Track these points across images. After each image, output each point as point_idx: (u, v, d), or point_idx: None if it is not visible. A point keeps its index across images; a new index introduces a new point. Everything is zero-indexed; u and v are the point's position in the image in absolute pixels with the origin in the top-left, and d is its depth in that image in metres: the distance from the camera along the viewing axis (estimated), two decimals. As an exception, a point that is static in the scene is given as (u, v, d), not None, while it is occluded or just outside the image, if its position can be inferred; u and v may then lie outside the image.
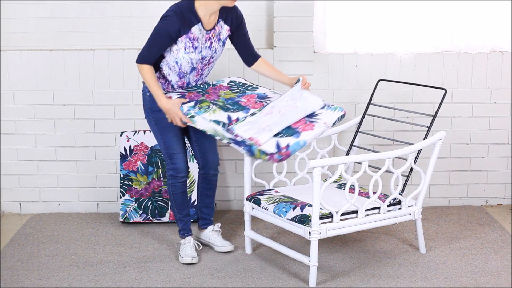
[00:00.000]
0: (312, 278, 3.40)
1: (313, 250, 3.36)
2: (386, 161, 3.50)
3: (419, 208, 3.72)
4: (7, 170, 4.51)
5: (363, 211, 3.48)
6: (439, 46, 4.44)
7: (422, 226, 3.80)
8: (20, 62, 4.38)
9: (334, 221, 3.40)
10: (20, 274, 3.58)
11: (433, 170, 4.53)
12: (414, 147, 3.60)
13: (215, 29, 3.55)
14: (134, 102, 4.43)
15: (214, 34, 3.55)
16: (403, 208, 3.65)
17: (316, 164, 3.26)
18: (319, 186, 3.27)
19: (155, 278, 3.52)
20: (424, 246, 3.81)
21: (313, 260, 3.38)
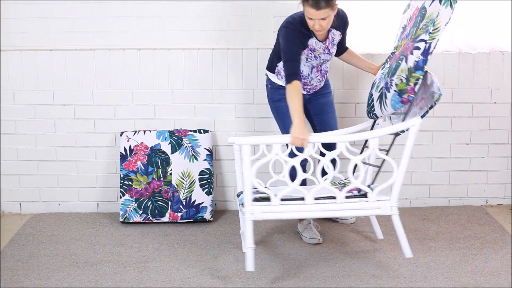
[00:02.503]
0: (249, 261, 3.38)
1: (248, 231, 3.38)
2: (338, 145, 3.38)
3: (393, 202, 3.45)
4: (7, 170, 4.51)
5: (311, 198, 3.39)
6: (439, 46, 4.43)
7: (401, 224, 3.51)
8: (20, 62, 4.38)
9: (273, 204, 3.39)
10: (20, 274, 3.58)
11: (433, 169, 4.54)
12: (374, 133, 3.43)
13: (328, 38, 3.75)
14: (134, 102, 4.43)
15: (329, 42, 3.76)
16: (371, 201, 3.46)
17: (243, 142, 3.33)
18: (249, 164, 3.31)
19: (155, 278, 3.52)
20: (408, 248, 3.52)
21: (249, 242, 3.37)
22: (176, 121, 4.45)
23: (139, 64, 4.40)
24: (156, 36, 4.43)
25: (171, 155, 4.32)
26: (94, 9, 4.38)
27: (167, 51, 4.39)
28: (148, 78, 4.41)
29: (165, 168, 4.31)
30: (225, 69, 4.41)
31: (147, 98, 4.43)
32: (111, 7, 4.38)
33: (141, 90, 4.43)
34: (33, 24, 4.39)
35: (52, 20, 4.39)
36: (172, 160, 4.31)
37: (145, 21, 4.41)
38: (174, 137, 4.34)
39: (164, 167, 4.32)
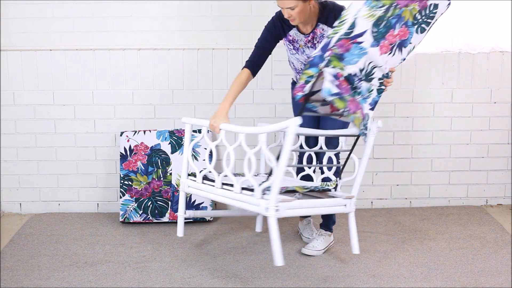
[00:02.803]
0: (179, 228, 3.66)
1: (180, 201, 3.66)
2: (239, 136, 3.29)
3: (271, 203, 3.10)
4: (7, 170, 4.51)
5: (220, 182, 3.39)
6: (439, 46, 4.44)
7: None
8: (20, 62, 4.38)
9: (197, 181, 3.55)
10: (20, 274, 3.58)
11: (433, 169, 4.54)
12: (264, 128, 3.17)
13: (315, 32, 3.60)
14: (134, 102, 4.44)
15: (315, 36, 3.61)
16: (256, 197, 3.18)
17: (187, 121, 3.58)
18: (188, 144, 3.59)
19: (155, 278, 3.52)
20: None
21: (180, 211, 3.65)
22: (176, 121, 4.46)
23: (139, 64, 4.40)
24: (156, 36, 4.43)
25: (171, 155, 4.32)
26: (94, 9, 4.38)
27: (167, 51, 4.40)
28: (148, 78, 4.41)
29: (165, 168, 4.32)
30: (225, 69, 4.41)
31: (147, 98, 4.43)
32: (111, 7, 4.38)
33: (141, 90, 4.43)
34: (33, 24, 4.39)
35: (52, 20, 4.39)
36: (172, 160, 4.31)
37: (145, 21, 4.41)
38: (174, 137, 4.34)
39: (164, 167, 4.31)
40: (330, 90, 3.12)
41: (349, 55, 3.20)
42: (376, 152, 4.51)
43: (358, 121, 3.27)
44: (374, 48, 3.23)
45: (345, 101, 3.18)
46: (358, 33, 3.17)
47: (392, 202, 4.60)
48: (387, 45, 3.26)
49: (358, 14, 3.15)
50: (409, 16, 3.23)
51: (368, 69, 3.29)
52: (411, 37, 3.28)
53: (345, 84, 3.20)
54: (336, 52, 3.17)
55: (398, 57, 3.31)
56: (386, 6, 3.16)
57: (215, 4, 4.37)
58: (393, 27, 3.22)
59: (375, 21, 3.18)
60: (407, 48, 3.31)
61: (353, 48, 3.20)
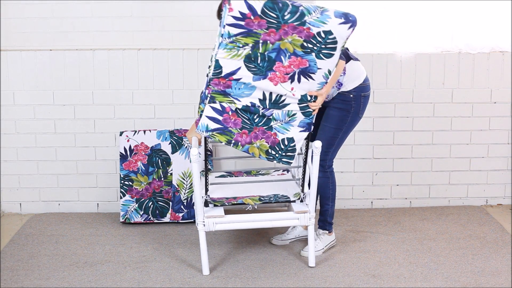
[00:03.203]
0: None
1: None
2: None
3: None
4: (7, 170, 4.51)
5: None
6: (439, 46, 4.44)
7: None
8: (20, 62, 4.38)
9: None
10: (20, 274, 3.58)
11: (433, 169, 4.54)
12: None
13: None
14: (134, 102, 4.43)
15: None
16: None
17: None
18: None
19: (155, 278, 3.52)
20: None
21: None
22: (176, 121, 4.45)
23: (138, 64, 4.40)
24: (156, 36, 4.43)
25: (172, 155, 4.32)
26: (94, 9, 4.38)
27: (167, 51, 4.39)
28: (148, 78, 4.41)
29: (166, 168, 4.31)
30: (225, 69, 4.41)
31: (147, 98, 4.43)
32: (111, 7, 4.38)
33: (141, 90, 4.43)
34: (33, 24, 4.39)
35: (52, 20, 4.39)
36: (173, 160, 4.31)
37: (145, 21, 4.41)
38: (174, 137, 4.33)
39: (164, 167, 4.31)
40: (206, 126, 3.32)
41: (235, 90, 3.28)
42: (376, 152, 4.51)
43: (256, 151, 3.39)
44: (262, 81, 3.27)
45: (228, 135, 3.35)
46: (230, 71, 3.25)
47: (392, 202, 4.60)
48: (281, 76, 3.27)
49: (218, 56, 3.22)
50: (292, 47, 3.23)
51: (273, 98, 3.32)
52: (314, 64, 3.27)
53: (234, 118, 3.33)
54: (215, 89, 3.28)
55: (312, 83, 3.31)
56: (250, 45, 3.20)
57: (215, 4, 4.36)
58: (278, 60, 3.25)
59: (246, 59, 3.23)
60: (319, 73, 3.30)
61: (234, 84, 3.27)
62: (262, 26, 3.17)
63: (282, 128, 3.38)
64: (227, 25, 3.16)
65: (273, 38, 3.20)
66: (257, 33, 3.18)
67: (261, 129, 3.36)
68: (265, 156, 3.40)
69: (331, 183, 3.76)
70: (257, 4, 3.14)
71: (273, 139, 3.38)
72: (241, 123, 3.34)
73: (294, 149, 3.42)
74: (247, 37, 3.18)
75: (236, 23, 3.15)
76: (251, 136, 3.37)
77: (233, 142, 3.36)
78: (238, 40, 3.19)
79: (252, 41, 3.19)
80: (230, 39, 3.18)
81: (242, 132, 3.35)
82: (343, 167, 4.48)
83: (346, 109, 3.60)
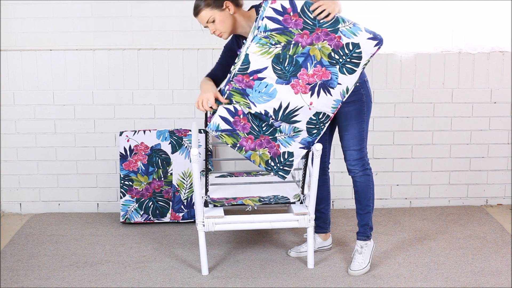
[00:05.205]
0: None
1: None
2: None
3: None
4: (7, 170, 4.51)
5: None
6: (439, 46, 4.44)
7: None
8: (20, 62, 4.38)
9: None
10: (20, 274, 3.58)
11: (433, 169, 4.54)
12: None
13: None
14: (134, 102, 4.43)
15: None
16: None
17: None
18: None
19: (155, 278, 3.52)
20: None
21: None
22: (176, 121, 4.45)
23: (138, 64, 4.40)
24: (156, 36, 4.43)
25: (172, 155, 4.32)
26: (94, 9, 4.38)
27: (167, 51, 4.40)
28: (147, 78, 4.41)
29: (166, 168, 4.31)
30: (225, 69, 4.41)
31: (147, 98, 4.43)
32: (111, 7, 4.38)
33: (141, 90, 4.43)
34: (33, 24, 4.39)
35: (52, 20, 4.39)
36: (173, 160, 4.31)
37: (145, 21, 4.41)
38: (174, 137, 4.33)
39: (164, 167, 4.31)
40: (217, 125, 3.31)
41: (254, 92, 3.25)
42: (376, 152, 4.51)
43: (257, 158, 3.38)
44: (283, 86, 3.24)
45: (235, 138, 3.33)
46: (257, 69, 3.21)
47: (392, 202, 4.60)
48: (302, 85, 3.25)
49: (249, 51, 3.19)
50: (320, 55, 3.21)
51: (287, 111, 3.28)
52: (336, 77, 3.25)
53: (244, 122, 3.31)
54: (236, 87, 3.25)
55: (329, 99, 3.28)
56: (282, 44, 3.18)
57: (215, 4, 4.37)
58: (304, 66, 3.22)
59: (274, 59, 3.20)
60: (337, 89, 3.27)
61: (256, 84, 3.24)
62: (298, 26, 3.17)
63: (285, 141, 3.37)
64: (266, 17, 3.15)
65: (305, 41, 3.19)
66: (292, 32, 3.17)
67: (267, 138, 3.36)
68: (264, 166, 3.40)
69: (371, 181, 3.60)
70: (299, 2, 3.14)
71: (275, 150, 3.38)
72: (249, 128, 3.33)
73: (292, 164, 3.42)
74: (281, 34, 3.17)
75: (275, 17, 3.15)
76: (256, 143, 3.36)
77: (238, 146, 3.35)
78: (272, 36, 3.17)
79: (285, 40, 3.18)
80: (265, 34, 3.16)
81: (249, 137, 3.34)
82: (343, 167, 4.47)
83: (359, 99, 3.49)
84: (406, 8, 4.37)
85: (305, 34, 3.18)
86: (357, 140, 3.52)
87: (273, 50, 3.19)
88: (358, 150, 3.52)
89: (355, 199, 3.62)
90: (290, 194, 3.68)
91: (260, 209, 3.83)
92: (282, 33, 3.17)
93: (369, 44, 3.22)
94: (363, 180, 3.57)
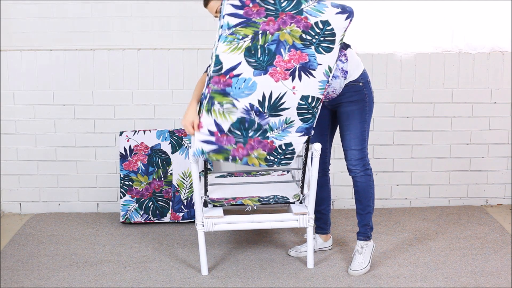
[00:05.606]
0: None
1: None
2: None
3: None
4: (7, 170, 4.51)
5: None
6: (439, 46, 4.44)
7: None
8: (20, 62, 4.38)
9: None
10: (20, 274, 3.58)
11: (433, 169, 4.54)
12: None
13: None
14: (134, 102, 4.43)
15: None
16: None
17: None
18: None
19: (155, 278, 3.52)
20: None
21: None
22: (176, 121, 4.46)
23: (138, 64, 4.40)
24: (156, 36, 4.43)
25: (172, 155, 4.32)
26: (94, 9, 4.38)
27: (167, 51, 4.40)
28: (147, 78, 4.41)
29: (166, 168, 4.31)
30: (225, 69, 4.41)
31: (147, 98, 4.43)
32: (111, 7, 4.38)
33: (141, 90, 4.43)
34: (33, 24, 4.39)
35: (52, 20, 4.39)
36: (173, 160, 4.31)
37: (145, 21, 4.41)
38: (174, 137, 4.33)
39: (164, 167, 4.31)
40: (201, 150, 3.30)
41: (235, 89, 3.22)
42: (376, 152, 4.51)
43: (255, 161, 3.33)
44: (262, 77, 3.21)
45: (225, 153, 3.30)
46: (230, 67, 3.19)
47: (392, 202, 4.60)
48: (281, 72, 3.21)
49: (218, 51, 3.17)
50: (291, 38, 3.18)
51: (272, 99, 3.24)
52: (314, 58, 3.21)
53: (225, 137, 3.28)
54: (215, 88, 3.22)
55: (313, 81, 3.24)
56: (250, 36, 3.16)
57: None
58: (278, 53, 3.19)
59: (246, 52, 3.18)
60: (319, 70, 3.23)
61: (234, 81, 3.21)
62: (260, 14, 3.14)
63: (279, 136, 3.32)
64: (226, 15, 3.13)
65: (272, 28, 3.16)
66: (256, 23, 3.15)
67: (256, 139, 3.31)
68: (265, 164, 3.36)
69: (372, 181, 3.59)
70: None
71: (270, 146, 3.33)
72: (234, 139, 3.30)
73: (293, 151, 3.36)
74: (246, 27, 3.15)
75: (235, 12, 3.13)
76: (247, 148, 3.31)
77: (231, 158, 3.32)
78: (237, 32, 3.15)
79: (251, 31, 3.16)
80: (230, 30, 3.14)
81: (238, 146, 3.31)
82: (343, 167, 4.47)
83: (362, 99, 3.48)
84: (406, 8, 4.37)
85: (270, 21, 3.15)
86: (358, 140, 3.52)
87: (242, 44, 3.17)
88: (359, 150, 3.52)
89: (355, 199, 3.62)
90: (289, 194, 3.68)
91: (260, 209, 3.83)
92: (246, 25, 3.15)
93: (339, 18, 3.17)
94: (364, 180, 3.57)
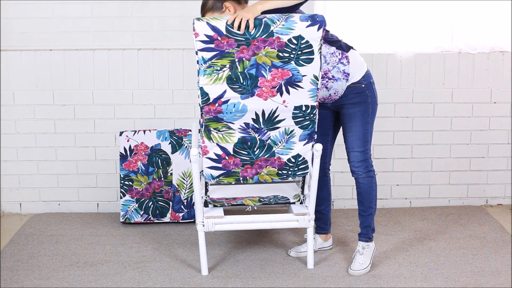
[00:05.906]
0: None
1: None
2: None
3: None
4: (7, 170, 4.51)
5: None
6: (439, 46, 4.44)
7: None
8: (20, 62, 4.38)
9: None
10: (20, 274, 3.58)
11: (433, 169, 4.54)
12: None
13: None
14: (134, 102, 4.43)
15: None
16: None
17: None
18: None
19: (155, 278, 3.52)
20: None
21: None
22: (176, 121, 4.46)
23: (138, 64, 4.40)
24: (156, 36, 4.43)
25: (172, 155, 4.32)
26: (94, 9, 4.38)
27: (167, 51, 4.40)
28: (147, 78, 4.41)
29: (166, 168, 4.31)
30: (225, 69, 4.41)
31: (147, 98, 4.43)
32: (111, 7, 4.38)
33: (141, 90, 4.43)
34: (33, 24, 4.39)
35: (52, 20, 4.39)
36: (173, 160, 4.31)
37: (145, 21, 4.41)
38: (174, 137, 4.33)
39: (164, 167, 4.31)
40: (211, 175, 3.38)
41: (227, 115, 3.26)
42: (376, 152, 4.51)
43: (267, 177, 3.40)
44: (250, 99, 3.23)
45: (234, 176, 3.38)
46: (217, 96, 3.22)
47: (392, 202, 4.60)
48: (268, 90, 3.23)
49: (200, 84, 3.20)
50: (269, 59, 3.18)
51: (266, 115, 3.27)
52: (297, 72, 3.21)
53: (232, 160, 3.34)
54: (208, 117, 3.26)
55: (302, 91, 3.25)
56: (227, 65, 3.17)
57: (215, 4, 4.36)
58: (260, 75, 3.20)
59: (228, 81, 3.19)
60: (305, 81, 3.22)
61: (224, 108, 3.25)
62: (232, 45, 3.14)
63: (284, 149, 3.36)
64: (199, 51, 3.16)
65: (247, 54, 3.16)
66: (230, 53, 3.15)
67: (263, 158, 3.36)
68: (278, 178, 3.40)
69: (375, 183, 3.60)
70: (221, 24, 3.11)
71: (279, 163, 3.38)
72: (240, 161, 3.35)
73: (305, 161, 3.40)
74: (221, 58, 3.16)
75: (206, 46, 3.14)
76: (255, 168, 3.37)
77: (241, 179, 3.40)
78: (214, 64, 3.16)
79: (227, 61, 3.16)
80: (207, 64, 3.16)
81: (246, 167, 3.37)
82: (343, 167, 4.48)
83: (364, 101, 3.48)
84: (406, 8, 4.37)
85: (244, 49, 3.15)
86: (361, 141, 3.52)
87: (222, 74, 3.18)
88: (362, 151, 3.52)
89: (357, 200, 3.61)
90: (290, 194, 3.68)
91: (260, 209, 3.83)
92: (221, 57, 3.16)
93: (311, 31, 3.15)
94: (366, 182, 3.57)
